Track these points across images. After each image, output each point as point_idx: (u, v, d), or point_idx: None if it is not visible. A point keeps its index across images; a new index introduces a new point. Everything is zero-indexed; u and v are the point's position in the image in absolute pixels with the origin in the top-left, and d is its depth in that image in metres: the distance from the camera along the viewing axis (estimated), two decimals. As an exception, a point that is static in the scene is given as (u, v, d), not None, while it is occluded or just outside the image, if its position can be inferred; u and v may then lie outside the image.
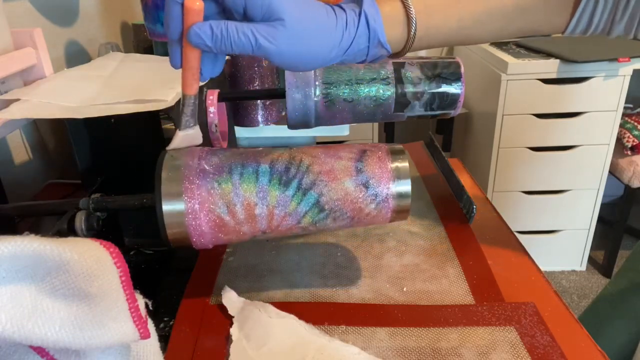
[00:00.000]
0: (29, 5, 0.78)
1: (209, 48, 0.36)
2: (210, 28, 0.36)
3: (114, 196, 0.46)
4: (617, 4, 0.43)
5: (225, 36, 0.36)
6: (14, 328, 0.24)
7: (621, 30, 0.44)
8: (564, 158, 1.63)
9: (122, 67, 0.71)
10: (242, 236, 0.44)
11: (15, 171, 0.74)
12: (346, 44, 0.39)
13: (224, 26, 0.36)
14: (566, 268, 1.85)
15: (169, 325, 0.49)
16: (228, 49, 0.36)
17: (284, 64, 0.39)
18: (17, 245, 0.24)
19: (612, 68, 1.49)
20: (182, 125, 0.42)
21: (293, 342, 0.44)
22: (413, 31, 0.42)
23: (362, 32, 0.40)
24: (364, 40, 0.40)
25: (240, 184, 0.42)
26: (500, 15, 0.43)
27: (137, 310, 0.29)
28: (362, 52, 0.41)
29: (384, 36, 0.41)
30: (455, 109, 0.58)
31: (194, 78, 0.39)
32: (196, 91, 0.40)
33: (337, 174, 0.43)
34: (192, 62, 0.38)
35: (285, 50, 0.37)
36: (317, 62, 0.39)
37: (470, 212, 0.64)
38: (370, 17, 0.40)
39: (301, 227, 0.44)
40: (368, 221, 0.45)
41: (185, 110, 0.42)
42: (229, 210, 0.42)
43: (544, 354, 0.43)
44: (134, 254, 0.60)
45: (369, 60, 0.42)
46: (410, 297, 0.51)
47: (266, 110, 0.81)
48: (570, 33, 0.45)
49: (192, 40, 0.36)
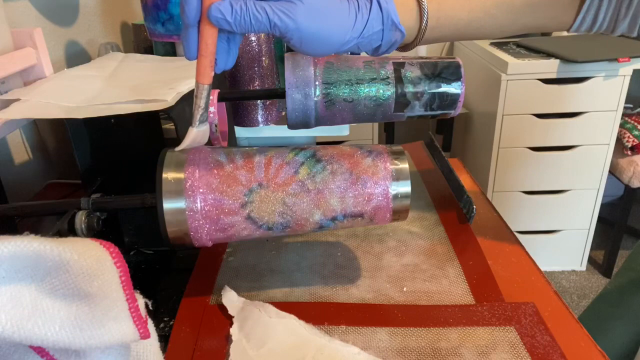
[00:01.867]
0: (29, 5, 0.78)
1: (228, 25, 0.37)
2: (230, 4, 0.36)
3: (114, 196, 0.46)
4: (621, 2, 0.43)
5: (245, 11, 0.36)
6: (14, 328, 0.24)
7: (624, 28, 0.45)
8: (564, 158, 1.63)
9: (122, 67, 0.71)
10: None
11: (15, 171, 0.74)
12: (360, 27, 0.40)
13: (243, 2, 0.36)
14: (566, 268, 1.85)
15: (169, 325, 0.49)
16: (247, 26, 0.37)
17: (302, 44, 0.39)
18: (17, 245, 0.24)
19: (612, 68, 1.49)
20: (196, 119, 0.40)
21: (293, 342, 0.44)
22: (425, 19, 0.42)
23: (375, 14, 0.40)
24: (377, 23, 0.41)
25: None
26: (509, 9, 0.44)
27: (137, 310, 0.29)
28: (377, 36, 0.41)
29: (397, 17, 0.41)
30: (455, 109, 0.58)
31: (210, 65, 0.38)
32: (211, 80, 0.39)
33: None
34: (209, 46, 0.38)
35: (303, 27, 0.38)
36: (333, 44, 0.40)
37: (470, 212, 0.64)
38: (382, 0, 0.40)
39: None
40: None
41: (199, 103, 0.40)
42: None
43: (544, 354, 0.43)
44: (134, 254, 0.60)
45: (384, 46, 0.43)
46: (410, 297, 0.51)
47: (266, 110, 0.81)
48: (575, 30, 0.46)
49: (213, 15, 0.36)
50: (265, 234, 0.45)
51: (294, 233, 0.46)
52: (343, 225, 0.46)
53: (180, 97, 0.52)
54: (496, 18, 0.44)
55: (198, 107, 0.40)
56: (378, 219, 0.45)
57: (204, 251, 0.59)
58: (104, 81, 0.63)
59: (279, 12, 0.37)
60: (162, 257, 0.60)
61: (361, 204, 0.44)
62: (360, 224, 0.46)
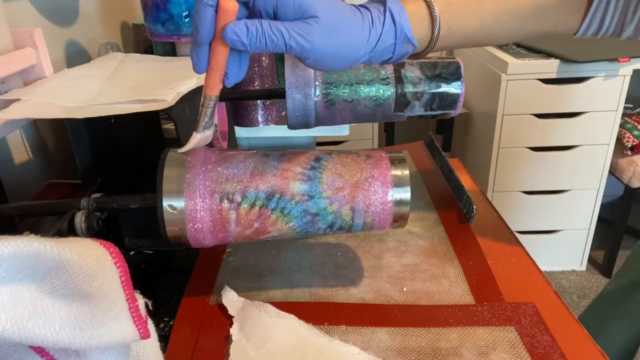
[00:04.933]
0: (29, 5, 0.78)
1: (244, 46, 0.36)
2: (245, 26, 0.36)
3: (114, 196, 0.46)
4: (628, 6, 0.43)
5: (260, 34, 0.36)
6: (14, 328, 0.24)
7: (631, 32, 0.45)
8: (564, 158, 1.63)
9: (122, 67, 0.71)
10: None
11: (15, 171, 0.74)
12: (374, 41, 0.40)
13: (259, 24, 0.36)
14: (566, 268, 1.85)
15: (169, 325, 0.49)
16: (262, 47, 0.36)
17: (316, 63, 0.39)
18: (17, 245, 0.24)
19: (612, 68, 1.49)
20: (200, 126, 0.42)
21: (293, 342, 0.44)
22: (437, 30, 0.42)
23: (389, 28, 0.40)
24: (390, 37, 0.40)
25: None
26: (519, 14, 0.44)
27: (137, 310, 0.29)
28: (389, 49, 0.41)
29: (410, 31, 0.41)
30: (455, 109, 0.58)
31: (219, 79, 0.39)
32: (219, 92, 0.40)
33: None
34: (220, 63, 0.38)
35: (319, 47, 0.37)
36: (347, 60, 0.39)
37: (470, 212, 0.64)
38: (395, 13, 0.40)
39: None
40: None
41: (205, 112, 0.41)
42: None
43: (544, 354, 0.43)
44: (134, 254, 0.60)
45: (395, 58, 0.42)
46: (410, 297, 0.51)
47: (266, 110, 0.81)
48: (582, 34, 0.46)
49: (229, 38, 0.36)
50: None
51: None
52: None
53: (180, 97, 0.52)
54: (506, 25, 0.44)
55: (204, 116, 0.41)
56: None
57: (204, 251, 0.59)
58: (104, 81, 0.63)
59: (295, 35, 0.36)
60: (162, 257, 0.60)
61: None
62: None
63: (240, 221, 0.43)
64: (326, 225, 0.44)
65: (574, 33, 0.46)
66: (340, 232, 0.46)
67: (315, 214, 0.43)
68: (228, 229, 0.43)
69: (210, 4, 0.35)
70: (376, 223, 0.45)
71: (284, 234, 0.45)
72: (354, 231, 0.46)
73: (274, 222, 0.43)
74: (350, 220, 0.44)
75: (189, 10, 0.74)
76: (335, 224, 0.44)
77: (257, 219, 0.43)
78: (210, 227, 0.42)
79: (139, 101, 0.52)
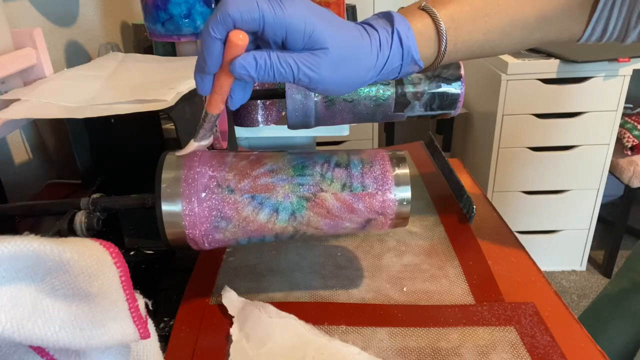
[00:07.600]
0: (29, 5, 0.78)
1: (251, 78, 0.36)
2: (254, 59, 0.35)
3: (114, 196, 0.46)
4: (632, 11, 0.43)
5: (268, 66, 0.35)
6: (14, 328, 0.24)
7: (635, 37, 0.44)
8: (564, 158, 1.63)
9: (122, 67, 0.71)
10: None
11: (15, 171, 0.74)
12: (381, 65, 0.39)
13: (267, 56, 0.35)
14: (566, 268, 1.85)
15: (169, 325, 0.49)
16: (270, 79, 0.36)
17: (323, 90, 0.38)
18: (17, 245, 0.24)
19: (612, 68, 1.49)
20: (198, 136, 0.42)
21: (293, 342, 0.44)
22: (444, 47, 0.41)
23: (396, 51, 0.39)
24: (397, 59, 0.40)
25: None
26: (523, 25, 0.43)
27: (137, 311, 0.29)
28: (395, 70, 0.40)
29: (417, 53, 0.40)
30: (455, 109, 0.58)
31: (222, 101, 0.39)
32: (220, 110, 0.40)
33: None
34: (224, 88, 0.38)
35: (327, 78, 0.37)
36: (354, 85, 0.39)
37: (470, 212, 0.64)
38: (403, 35, 0.39)
39: None
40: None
41: (205, 126, 0.41)
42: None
43: (544, 354, 0.43)
44: (134, 254, 0.60)
45: (400, 77, 0.42)
46: (410, 297, 0.51)
47: (266, 110, 0.81)
48: (585, 41, 0.45)
49: (237, 72, 0.35)
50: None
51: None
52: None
53: (180, 97, 0.52)
54: (511, 37, 0.44)
55: (204, 130, 0.42)
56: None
57: (204, 251, 0.59)
58: (104, 81, 0.63)
59: (304, 68, 0.36)
60: (162, 257, 0.60)
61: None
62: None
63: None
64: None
65: (577, 39, 0.46)
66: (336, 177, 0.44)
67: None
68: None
69: (218, 37, 0.35)
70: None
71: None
72: (355, 192, 0.44)
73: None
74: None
75: (189, 10, 0.75)
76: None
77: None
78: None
79: (139, 101, 0.52)
